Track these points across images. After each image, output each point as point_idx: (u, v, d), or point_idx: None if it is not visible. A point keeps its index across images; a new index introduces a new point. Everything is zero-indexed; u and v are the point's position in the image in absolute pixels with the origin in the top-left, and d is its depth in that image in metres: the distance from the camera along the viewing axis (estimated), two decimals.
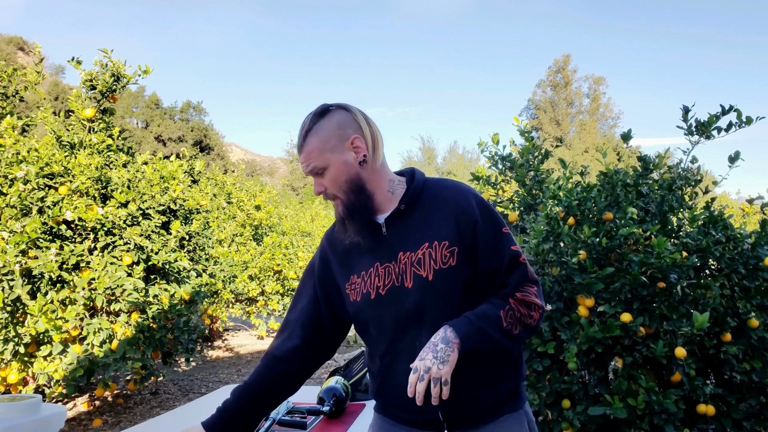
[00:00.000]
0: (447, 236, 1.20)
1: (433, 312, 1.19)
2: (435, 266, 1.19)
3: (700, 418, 2.47)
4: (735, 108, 2.75)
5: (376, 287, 1.23)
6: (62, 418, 1.41)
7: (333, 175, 1.22)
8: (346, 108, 1.26)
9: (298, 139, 1.25)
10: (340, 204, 1.25)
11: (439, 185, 1.28)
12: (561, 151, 33.20)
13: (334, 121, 1.23)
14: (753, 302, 2.59)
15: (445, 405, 1.18)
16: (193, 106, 39.98)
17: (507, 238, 1.24)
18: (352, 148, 1.22)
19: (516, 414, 1.25)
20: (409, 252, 1.22)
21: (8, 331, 3.73)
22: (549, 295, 2.61)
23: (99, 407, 4.57)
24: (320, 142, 1.21)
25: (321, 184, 1.24)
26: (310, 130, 1.23)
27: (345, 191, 1.23)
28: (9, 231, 3.79)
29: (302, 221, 10.69)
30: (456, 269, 1.18)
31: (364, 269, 1.26)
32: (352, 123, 1.24)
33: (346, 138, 1.22)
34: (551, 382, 2.49)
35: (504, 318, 1.16)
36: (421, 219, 1.24)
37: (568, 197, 2.74)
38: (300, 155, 1.25)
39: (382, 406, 1.31)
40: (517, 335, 1.18)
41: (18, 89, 4.75)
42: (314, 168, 1.22)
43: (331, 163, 1.22)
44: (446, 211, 1.22)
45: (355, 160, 1.23)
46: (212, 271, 5.76)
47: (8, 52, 35.38)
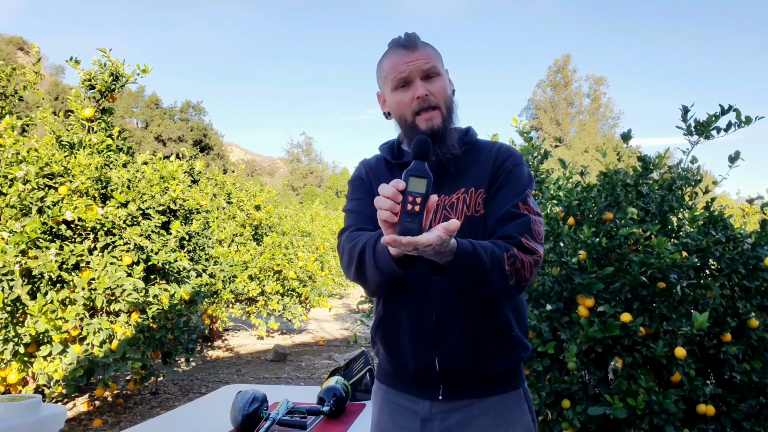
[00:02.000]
0: (482, 184, 1.21)
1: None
2: (467, 212, 1.18)
3: (700, 418, 2.47)
4: (734, 108, 2.74)
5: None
6: (62, 418, 1.41)
7: (443, 85, 1.22)
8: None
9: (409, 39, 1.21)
10: (438, 115, 1.20)
11: (487, 143, 1.30)
12: (561, 151, 33.20)
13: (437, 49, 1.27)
14: (753, 302, 2.59)
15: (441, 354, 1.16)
16: (193, 105, 39.97)
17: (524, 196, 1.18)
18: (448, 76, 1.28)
19: (515, 393, 1.22)
20: (444, 195, 1.21)
21: (8, 331, 3.73)
22: (549, 295, 2.61)
23: (99, 407, 4.57)
24: (436, 54, 1.24)
25: (427, 88, 1.19)
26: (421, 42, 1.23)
27: (448, 106, 1.23)
28: (9, 231, 3.78)
29: (302, 221, 10.69)
30: (482, 218, 1.19)
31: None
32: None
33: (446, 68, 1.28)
34: (551, 382, 2.49)
35: (506, 261, 1.07)
36: (462, 168, 1.24)
37: (568, 197, 2.74)
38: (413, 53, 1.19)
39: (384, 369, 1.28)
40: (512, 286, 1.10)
41: (17, 89, 4.75)
42: (431, 68, 1.20)
43: (443, 74, 1.24)
44: (488, 161, 1.23)
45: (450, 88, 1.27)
46: (212, 271, 5.76)
47: (8, 52, 35.37)
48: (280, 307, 7.59)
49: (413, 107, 1.19)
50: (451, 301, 1.16)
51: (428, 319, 1.17)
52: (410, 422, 1.20)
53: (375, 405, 1.33)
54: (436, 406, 1.18)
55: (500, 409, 1.18)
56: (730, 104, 2.75)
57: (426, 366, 1.18)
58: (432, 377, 1.18)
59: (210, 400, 2.05)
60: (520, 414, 1.20)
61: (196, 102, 40.15)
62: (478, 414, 1.17)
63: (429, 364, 1.17)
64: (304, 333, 9.17)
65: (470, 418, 1.17)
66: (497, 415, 1.17)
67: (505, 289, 1.10)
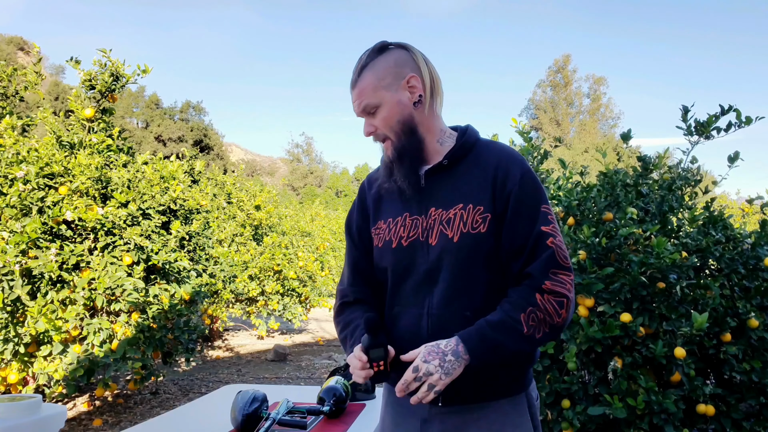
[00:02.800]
0: (483, 201, 1.15)
1: (448, 275, 1.15)
2: (464, 229, 1.14)
3: (700, 418, 2.47)
4: (734, 108, 2.75)
5: (399, 237, 1.21)
6: (62, 418, 1.41)
7: (386, 114, 1.18)
8: (406, 47, 1.22)
9: (353, 75, 1.20)
10: (390, 146, 1.20)
11: (489, 147, 1.21)
12: (561, 151, 33.20)
13: (392, 58, 1.19)
14: (753, 302, 2.59)
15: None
16: (193, 106, 39.99)
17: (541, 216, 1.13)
18: (407, 88, 1.18)
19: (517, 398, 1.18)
20: (441, 209, 1.17)
21: (8, 331, 3.73)
22: None
23: (99, 407, 4.57)
24: (375, 78, 1.17)
25: (371, 124, 1.20)
26: (365, 66, 1.18)
27: (397, 132, 1.18)
28: (9, 231, 3.78)
29: (302, 221, 10.69)
30: (485, 236, 1.13)
31: (392, 216, 1.24)
32: (410, 62, 1.20)
33: (402, 76, 1.18)
34: (551, 382, 2.49)
35: (525, 322, 1.06)
36: (461, 178, 1.19)
37: (567, 197, 2.74)
38: (352, 92, 1.20)
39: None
40: (541, 339, 1.08)
41: (18, 89, 4.75)
42: (366, 106, 1.18)
43: (385, 101, 1.17)
44: (488, 174, 1.16)
45: (409, 101, 1.18)
46: (212, 271, 5.76)
47: (8, 52, 35.37)
48: (280, 307, 7.59)
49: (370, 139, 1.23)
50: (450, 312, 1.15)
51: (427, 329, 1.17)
52: (411, 423, 1.21)
53: (382, 403, 1.35)
54: (435, 408, 1.17)
55: (499, 414, 1.16)
56: (730, 104, 2.75)
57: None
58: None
59: (210, 400, 2.05)
60: (519, 419, 1.17)
61: (197, 102, 40.18)
62: (477, 418, 1.16)
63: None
64: (304, 333, 9.17)
65: (468, 422, 1.16)
66: (495, 420, 1.15)
67: (534, 345, 1.09)
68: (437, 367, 1.05)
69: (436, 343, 1.09)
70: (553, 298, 1.08)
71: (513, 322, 1.07)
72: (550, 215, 1.14)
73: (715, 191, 9.15)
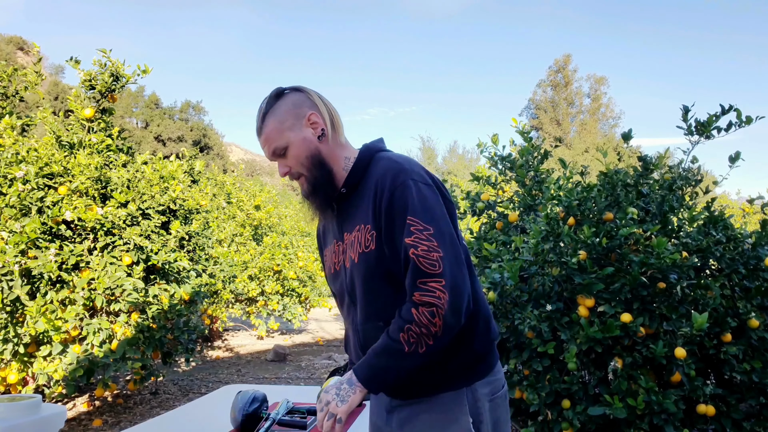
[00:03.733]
0: (369, 219, 1.21)
1: (360, 293, 1.24)
2: (360, 249, 1.22)
3: (700, 419, 2.47)
4: (735, 108, 2.74)
5: (333, 263, 1.33)
6: (62, 418, 1.41)
7: (295, 153, 1.25)
8: (300, 89, 1.30)
9: (257, 123, 1.28)
10: (304, 181, 1.28)
11: (379, 165, 1.25)
12: (561, 150, 33.21)
13: (290, 101, 1.27)
14: (753, 302, 2.59)
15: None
16: (193, 105, 39.99)
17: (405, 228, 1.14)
18: (309, 125, 1.26)
19: (456, 393, 1.21)
20: (347, 233, 1.27)
21: (8, 331, 3.73)
22: (549, 296, 2.60)
23: (99, 407, 4.57)
24: (278, 122, 1.25)
25: (285, 165, 1.27)
26: (267, 113, 1.26)
27: (308, 167, 1.26)
28: (8, 231, 3.78)
29: (302, 221, 10.68)
30: (375, 253, 1.19)
31: (329, 245, 1.36)
32: (307, 101, 1.28)
33: (303, 115, 1.26)
34: (551, 382, 2.49)
35: (405, 341, 1.10)
36: (358, 200, 1.26)
37: (568, 197, 2.74)
38: (259, 139, 1.28)
39: None
40: (426, 352, 1.11)
41: (18, 89, 4.75)
42: (276, 149, 1.25)
43: (291, 141, 1.25)
44: (371, 192, 1.22)
45: (314, 135, 1.26)
46: (212, 271, 5.76)
47: (8, 52, 35.36)
48: (280, 307, 7.59)
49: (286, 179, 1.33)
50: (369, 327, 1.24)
51: (358, 344, 1.29)
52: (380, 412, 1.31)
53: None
54: (394, 400, 1.27)
55: (442, 409, 1.21)
56: (731, 104, 2.75)
57: None
58: None
59: (210, 400, 2.05)
60: (458, 414, 1.20)
61: (196, 102, 40.20)
62: (423, 410, 1.22)
63: None
64: (304, 333, 9.17)
65: (417, 414, 1.22)
66: (438, 413, 1.21)
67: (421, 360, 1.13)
68: (334, 395, 1.15)
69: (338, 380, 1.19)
70: (425, 309, 1.10)
71: (394, 344, 1.12)
72: (414, 225, 1.14)
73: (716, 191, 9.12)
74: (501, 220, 3.22)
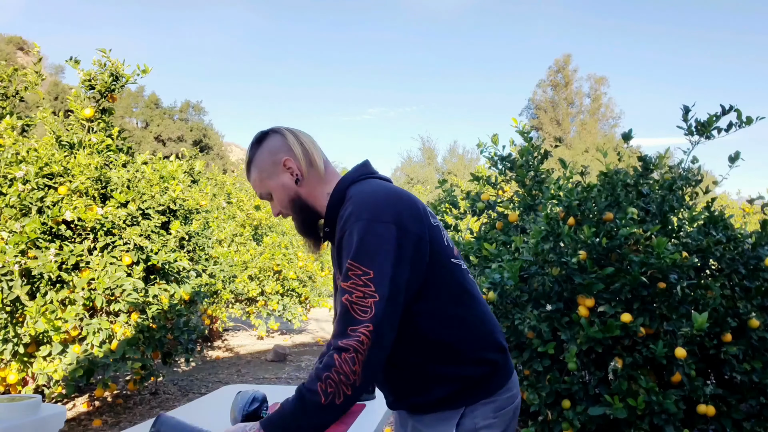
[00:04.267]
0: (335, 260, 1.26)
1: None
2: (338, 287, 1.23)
3: (700, 419, 2.47)
4: (735, 108, 2.74)
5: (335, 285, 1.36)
6: (62, 418, 1.41)
7: (278, 198, 1.33)
8: (278, 131, 1.34)
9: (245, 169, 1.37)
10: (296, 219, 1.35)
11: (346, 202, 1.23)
12: (561, 150, 33.22)
13: (266, 150, 1.32)
14: (753, 302, 2.59)
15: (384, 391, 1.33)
16: (193, 105, 40.00)
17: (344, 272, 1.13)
18: (286, 170, 1.30)
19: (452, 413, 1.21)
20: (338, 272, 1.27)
21: (7, 331, 3.73)
22: (549, 296, 2.60)
23: (99, 407, 4.57)
24: (258, 172, 1.33)
25: (275, 206, 1.35)
26: (250, 162, 1.34)
27: (292, 209, 1.33)
28: (8, 231, 3.78)
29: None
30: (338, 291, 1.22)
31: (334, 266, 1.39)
32: (283, 146, 1.31)
33: (279, 161, 1.30)
34: (551, 382, 2.49)
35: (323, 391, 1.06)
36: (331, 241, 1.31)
37: (568, 197, 2.74)
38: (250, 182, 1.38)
39: None
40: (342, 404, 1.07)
41: (18, 89, 4.75)
42: (262, 195, 1.35)
43: (272, 188, 1.32)
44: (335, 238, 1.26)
45: (291, 181, 1.31)
46: (212, 271, 5.76)
47: (8, 52, 35.36)
48: (280, 307, 7.59)
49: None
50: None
51: None
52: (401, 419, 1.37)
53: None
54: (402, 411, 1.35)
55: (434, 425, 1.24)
56: (731, 104, 2.75)
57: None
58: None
59: (210, 400, 2.05)
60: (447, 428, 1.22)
61: (196, 102, 40.20)
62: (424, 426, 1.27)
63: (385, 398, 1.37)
64: (304, 333, 9.17)
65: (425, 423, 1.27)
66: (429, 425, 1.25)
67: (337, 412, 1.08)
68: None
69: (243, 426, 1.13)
70: (347, 355, 1.06)
71: (311, 395, 1.07)
72: (353, 270, 1.11)
73: (716, 191, 9.12)
74: (501, 220, 3.22)
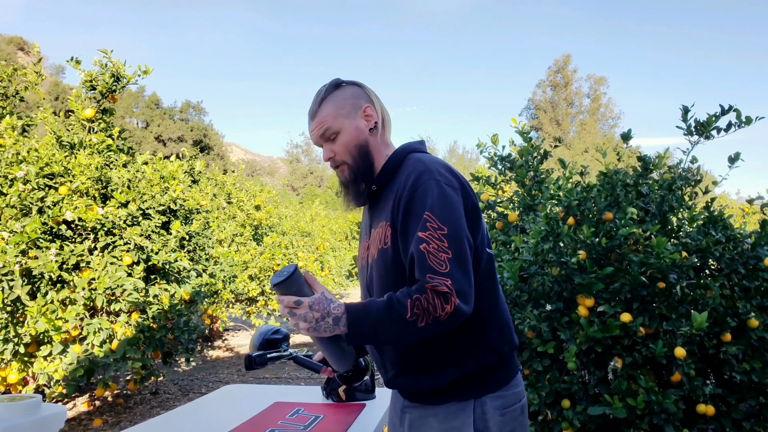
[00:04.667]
0: (389, 216, 1.25)
1: (376, 291, 1.27)
2: (379, 245, 1.26)
3: (700, 418, 2.47)
4: (734, 108, 2.75)
5: (361, 258, 1.38)
6: (62, 418, 1.41)
7: (345, 139, 1.30)
8: (358, 84, 1.35)
9: (312, 106, 1.33)
10: (346, 169, 1.32)
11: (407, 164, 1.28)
12: (561, 150, 33.21)
13: (349, 92, 1.33)
14: (753, 302, 2.59)
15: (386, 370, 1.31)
16: (193, 106, 40.01)
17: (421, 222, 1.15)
18: (363, 116, 1.32)
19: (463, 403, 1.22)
20: (373, 229, 1.31)
21: (8, 331, 3.73)
22: (549, 295, 2.61)
23: (99, 407, 4.57)
24: (335, 107, 1.30)
25: (331, 149, 1.31)
26: (325, 98, 1.31)
27: (354, 156, 1.30)
28: (9, 231, 3.78)
29: (302, 221, 10.69)
30: (389, 250, 1.23)
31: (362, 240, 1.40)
32: (364, 95, 1.34)
33: (359, 107, 1.32)
34: (551, 381, 2.49)
35: (410, 308, 1.09)
36: (383, 200, 1.30)
37: (567, 197, 2.74)
38: (312, 121, 1.33)
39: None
40: (422, 329, 1.10)
41: (18, 89, 4.75)
42: (327, 132, 1.30)
43: (345, 127, 1.30)
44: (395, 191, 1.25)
45: (365, 127, 1.31)
46: (212, 271, 5.76)
47: (8, 52, 35.36)
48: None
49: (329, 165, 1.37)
50: None
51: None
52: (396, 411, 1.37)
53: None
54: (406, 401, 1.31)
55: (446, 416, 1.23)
56: (731, 104, 2.75)
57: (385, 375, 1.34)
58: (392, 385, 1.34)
59: (210, 400, 2.05)
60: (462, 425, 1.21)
61: (196, 102, 40.21)
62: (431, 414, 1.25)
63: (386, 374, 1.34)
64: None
65: (425, 417, 1.26)
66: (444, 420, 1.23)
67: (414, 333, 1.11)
68: (311, 321, 1.12)
69: (330, 298, 1.14)
70: (436, 295, 1.10)
71: (399, 306, 1.10)
72: (430, 222, 1.15)
73: (715, 191, 9.15)
74: (501, 220, 3.22)
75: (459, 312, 1.10)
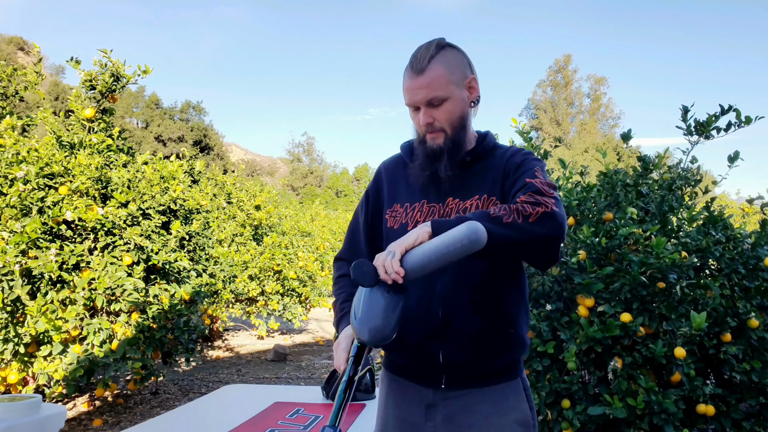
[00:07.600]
0: (496, 192, 1.22)
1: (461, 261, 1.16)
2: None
3: (700, 418, 2.47)
4: (734, 108, 2.75)
5: (416, 221, 1.26)
6: (62, 418, 1.41)
7: (450, 108, 1.21)
8: (461, 50, 1.27)
9: (418, 63, 1.20)
10: (443, 138, 1.23)
11: (507, 148, 1.30)
12: (561, 150, 33.22)
13: (458, 56, 1.24)
14: (753, 302, 2.59)
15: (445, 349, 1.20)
16: (193, 106, 40.02)
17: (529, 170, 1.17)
18: (468, 88, 1.25)
19: (513, 383, 1.26)
20: (458, 200, 1.25)
21: (8, 331, 3.73)
22: (549, 295, 2.61)
23: (99, 407, 4.57)
24: (447, 71, 1.20)
25: (431, 115, 1.22)
26: (434, 57, 1.20)
27: (455, 127, 1.23)
28: (9, 231, 3.79)
29: (302, 221, 10.69)
30: None
31: (409, 201, 1.30)
32: (469, 65, 1.26)
33: (466, 76, 1.25)
34: (551, 381, 2.49)
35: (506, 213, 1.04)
36: (477, 174, 1.26)
37: (567, 197, 2.74)
38: (418, 77, 1.20)
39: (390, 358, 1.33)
40: (510, 223, 1.03)
41: (18, 89, 4.75)
42: (434, 98, 1.19)
43: (453, 96, 1.21)
44: (499, 169, 1.25)
45: (468, 99, 1.25)
46: (212, 271, 5.76)
47: (8, 52, 35.36)
48: (280, 307, 7.59)
49: (422, 129, 1.26)
50: (458, 302, 1.21)
51: (435, 316, 1.21)
52: (415, 408, 1.25)
53: (381, 392, 1.37)
54: (439, 393, 1.23)
55: (498, 398, 1.22)
56: (730, 104, 2.75)
57: (431, 358, 1.22)
58: (436, 368, 1.23)
59: (210, 400, 2.05)
60: (517, 402, 1.24)
61: (197, 102, 40.22)
62: (478, 401, 1.22)
63: (434, 356, 1.22)
64: (304, 333, 9.17)
65: (471, 405, 1.22)
66: (495, 403, 1.22)
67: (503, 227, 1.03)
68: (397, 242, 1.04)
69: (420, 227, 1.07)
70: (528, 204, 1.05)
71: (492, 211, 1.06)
72: (538, 170, 1.17)
73: (715, 191, 9.15)
74: None
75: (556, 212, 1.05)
